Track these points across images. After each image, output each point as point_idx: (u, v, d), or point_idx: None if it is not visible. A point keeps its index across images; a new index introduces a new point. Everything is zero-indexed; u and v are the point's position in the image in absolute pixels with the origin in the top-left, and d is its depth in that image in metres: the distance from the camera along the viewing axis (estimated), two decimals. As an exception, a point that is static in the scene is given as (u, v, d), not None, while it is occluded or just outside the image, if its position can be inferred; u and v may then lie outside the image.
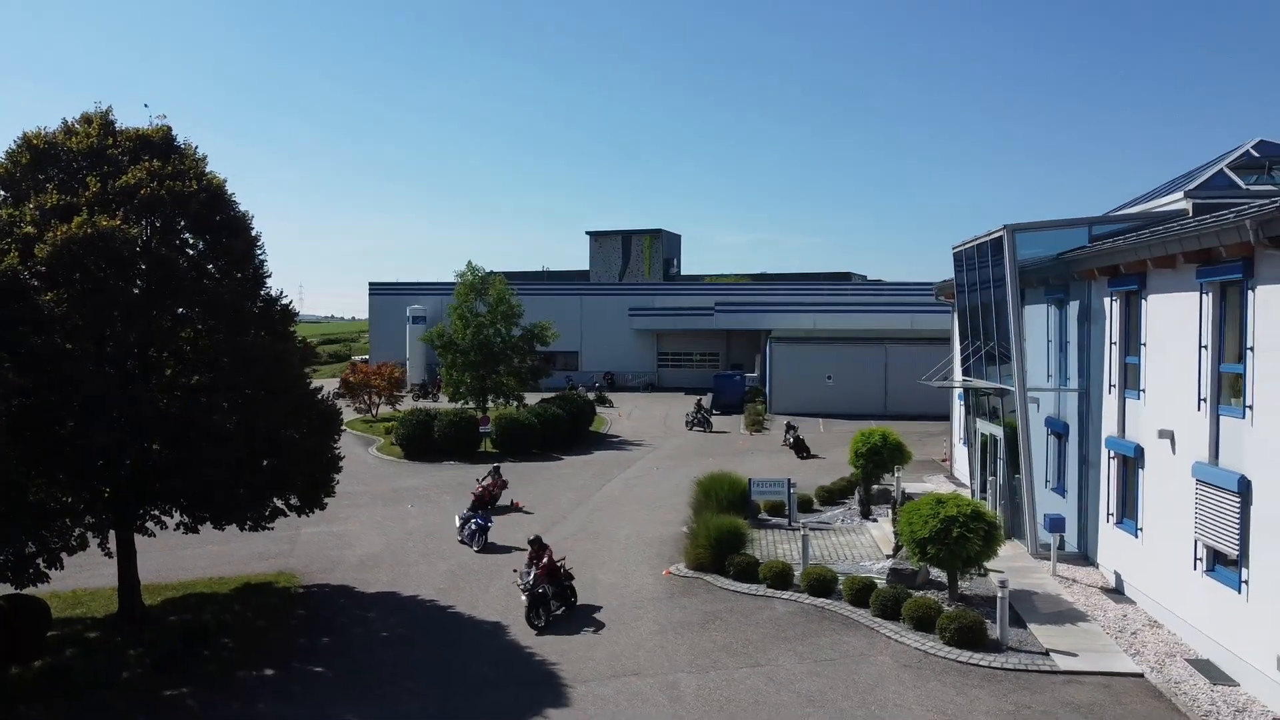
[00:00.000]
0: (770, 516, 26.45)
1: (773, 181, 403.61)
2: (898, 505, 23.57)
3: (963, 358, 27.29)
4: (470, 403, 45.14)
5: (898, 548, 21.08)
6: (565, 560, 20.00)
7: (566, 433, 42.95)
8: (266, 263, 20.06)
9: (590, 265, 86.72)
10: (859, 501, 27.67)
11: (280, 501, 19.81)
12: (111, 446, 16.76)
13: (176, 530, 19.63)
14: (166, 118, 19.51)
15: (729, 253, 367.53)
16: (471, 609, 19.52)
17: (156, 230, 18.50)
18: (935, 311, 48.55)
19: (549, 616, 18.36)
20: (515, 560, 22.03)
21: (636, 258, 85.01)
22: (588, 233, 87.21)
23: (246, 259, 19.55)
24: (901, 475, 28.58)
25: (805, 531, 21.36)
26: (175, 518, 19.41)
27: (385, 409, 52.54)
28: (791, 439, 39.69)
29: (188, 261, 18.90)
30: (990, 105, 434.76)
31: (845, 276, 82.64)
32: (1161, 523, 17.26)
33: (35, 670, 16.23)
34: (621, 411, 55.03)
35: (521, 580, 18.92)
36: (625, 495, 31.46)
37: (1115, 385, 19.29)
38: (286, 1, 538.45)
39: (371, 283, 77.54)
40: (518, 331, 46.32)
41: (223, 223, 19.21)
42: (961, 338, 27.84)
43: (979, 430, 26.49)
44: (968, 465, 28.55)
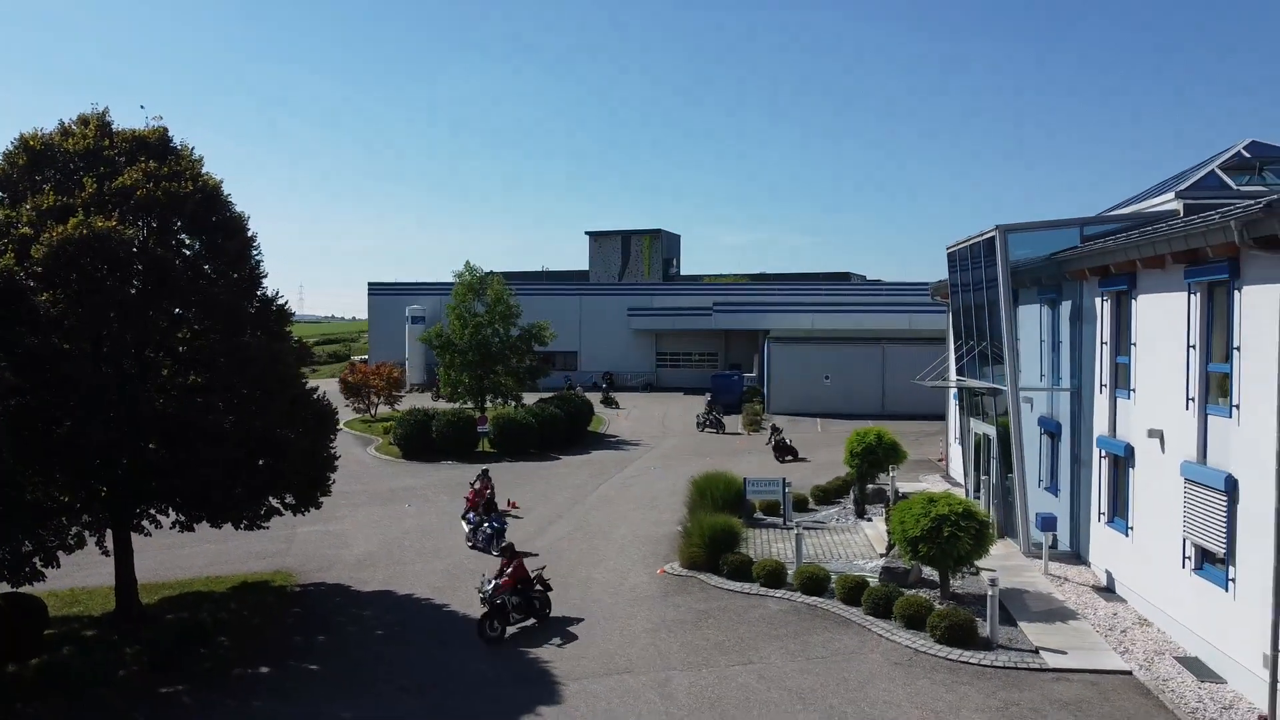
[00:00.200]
0: (765, 516, 26.55)
1: (772, 182, 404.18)
2: (892, 504, 23.67)
3: (957, 357, 27.40)
4: (468, 403, 45.25)
5: (890, 546, 21.19)
6: (544, 569, 19.40)
7: (564, 433, 43.09)
8: (263, 263, 20.27)
9: (590, 265, 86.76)
10: (854, 501, 27.78)
11: (276, 500, 19.96)
12: (108, 445, 16.88)
13: (173, 529, 19.77)
14: (163, 119, 19.69)
15: (728, 253, 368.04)
16: (466, 608, 19.61)
17: (153, 231, 18.64)
18: (932, 311, 48.65)
19: (505, 629, 17.77)
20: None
21: (636, 258, 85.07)
22: (587, 233, 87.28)
23: (242, 259, 19.68)
24: (897, 475, 28.68)
25: (799, 531, 21.48)
26: (171, 517, 19.55)
27: (384, 409, 52.68)
28: (774, 441, 39.07)
29: (184, 262, 19.01)
30: (990, 106, 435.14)
31: (844, 277, 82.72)
32: (1151, 521, 17.37)
33: (33, 668, 16.34)
34: (620, 412, 55.15)
35: (482, 589, 18.26)
36: (622, 494, 31.57)
37: (1106, 385, 19.40)
38: (287, 1, 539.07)
39: (370, 283, 77.52)
40: (516, 331, 46.43)
41: (219, 223, 19.34)
42: (956, 337, 27.94)
43: (973, 429, 26.61)
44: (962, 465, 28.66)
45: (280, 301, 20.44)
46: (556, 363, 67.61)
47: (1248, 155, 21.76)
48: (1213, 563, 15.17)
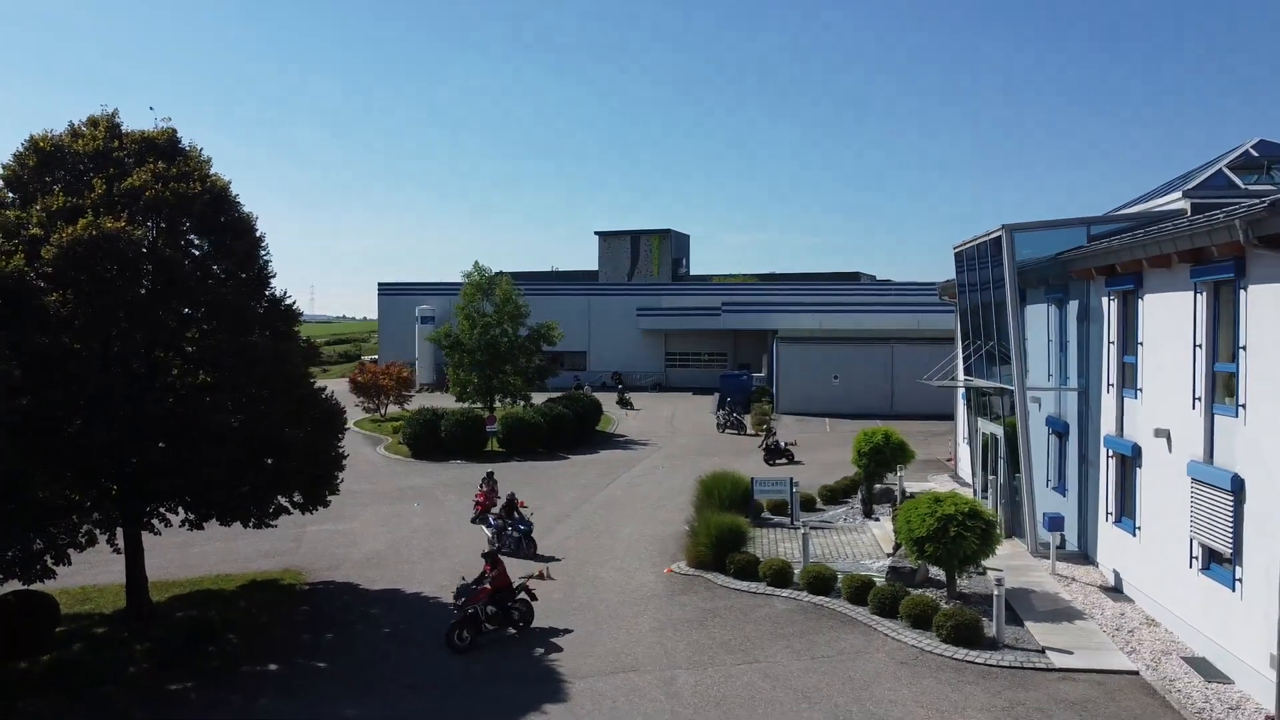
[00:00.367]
0: (773, 515, 26.56)
1: (782, 182, 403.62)
2: (899, 504, 23.65)
3: (964, 357, 27.35)
4: (477, 402, 45.37)
5: (897, 546, 21.17)
6: (530, 579, 18.94)
7: (573, 432, 43.17)
8: (271, 263, 20.31)
9: (599, 265, 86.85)
10: (861, 500, 27.76)
11: (284, 499, 20.03)
12: (112, 444, 16.98)
13: (183, 527, 19.90)
14: (171, 120, 19.78)
15: (737, 253, 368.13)
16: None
17: (162, 231, 18.74)
18: (941, 311, 48.56)
19: (475, 638, 17.28)
20: (531, 566, 22.28)
21: (645, 258, 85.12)
22: (596, 233, 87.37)
23: (250, 260, 19.77)
24: (905, 474, 28.65)
25: (806, 530, 21.48)
26: (180, 515, 19.67)
27: (394, 408, 52.86)
28: (766, 444, 37.97)
29: (192, 262, 19.11)
30: (999, 106, 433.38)
31: (854, 277, 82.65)
32: (1158, 521, 17.32)
33: (43, 665, 16.47)
34: (628, 411, 55.20)
35: (456, 599, 17.81)
36: (629, 494, 31.62)
37: (1113, 384, 19.34)
38: (299, 6, 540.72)
39: (380, 283, 77.83)
40: (524, 331, 46.57)
41: (227, 224, 19.43)
42: (963, 337, 27.90)
43: (980, 429, 26.56)
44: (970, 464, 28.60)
45: (288, 301, 20.53)
46: (565, 363, 67.74)
47: (1256, 154, 21.69)
48: (1220, 563, 15.12)
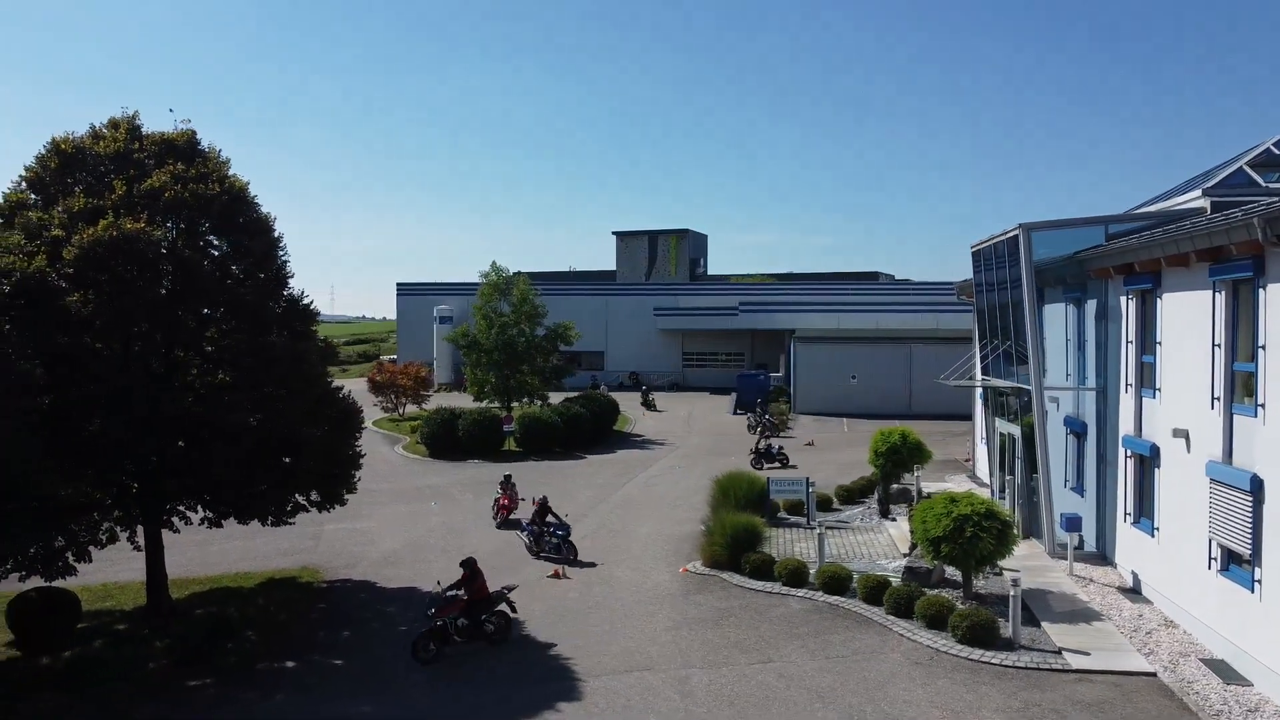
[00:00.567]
0: (789, 515, 26.53)
1: (800, 181, 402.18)
2: (916, 504, 23.56)
3: (982, 357, 27.22)
4: (494, 402, 45.55)
5: (913, 546, 21.09)
6: (510, 589, 18.34)
7: (589, 432, 43.24)
8: (289, 263, 20.50)
9: (616, 265, 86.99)
10: (878, 501, 27.67)
11: (301, 498, 20.19)
12: (128, 443, 17.16)
13: (202, 525, 20.10)
14: (190, 122, 20.00)
15: (755, 252, 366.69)
16: (489, 605, 19.73)
17: (181, 232, 18.96)
18: (959, 311, 48.28)
19: (441, 650, 16.78)
20: (548, 566, 22.40)
21: (663, 257, 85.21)
22: (614, 233, 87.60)
23: (269, 260, 19.95)
24: (923, 474, 28.53)
25: (822, 530, 21.43)
26: (200, 513, 19.86)
27: (412, 408, 53.11)
28: (759, 447, 36.80)
29: (211, 263, 19.31)
30: (1012, 106, 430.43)
31: (872, 276, 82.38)
32: (1177, 522, 17.19)
33: (64, 660, 16.68)
34: (645, 411, 55.24)
35: (428, 605, 17.47)
36: (645, 494, 31.66)
37: (1132, 384, 19.20)
38: (316, 9, 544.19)
39: (399, 283, 77.88)
40: (541, 331, 46.71)
41: (245, 224, 19.62)
42: (981, 337, 27.77)
43: (998, 429, 26.41)
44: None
45: (306, 301, 20.70)
46: (582, 362, 67.78)
47: (1277, 152, 21.49)
48: (1239, 564, 14.99)
